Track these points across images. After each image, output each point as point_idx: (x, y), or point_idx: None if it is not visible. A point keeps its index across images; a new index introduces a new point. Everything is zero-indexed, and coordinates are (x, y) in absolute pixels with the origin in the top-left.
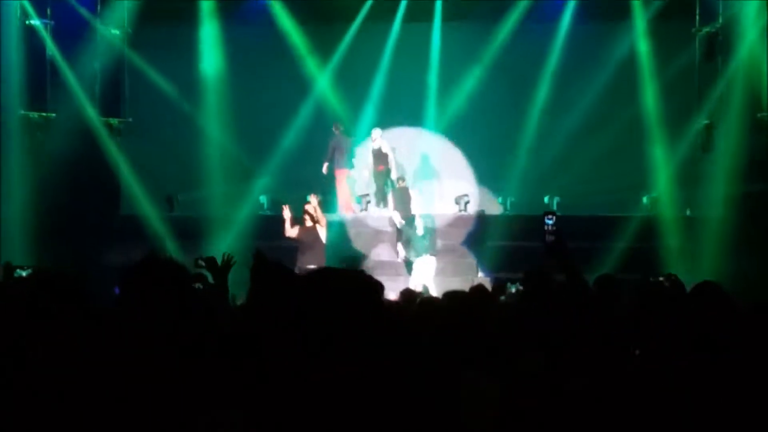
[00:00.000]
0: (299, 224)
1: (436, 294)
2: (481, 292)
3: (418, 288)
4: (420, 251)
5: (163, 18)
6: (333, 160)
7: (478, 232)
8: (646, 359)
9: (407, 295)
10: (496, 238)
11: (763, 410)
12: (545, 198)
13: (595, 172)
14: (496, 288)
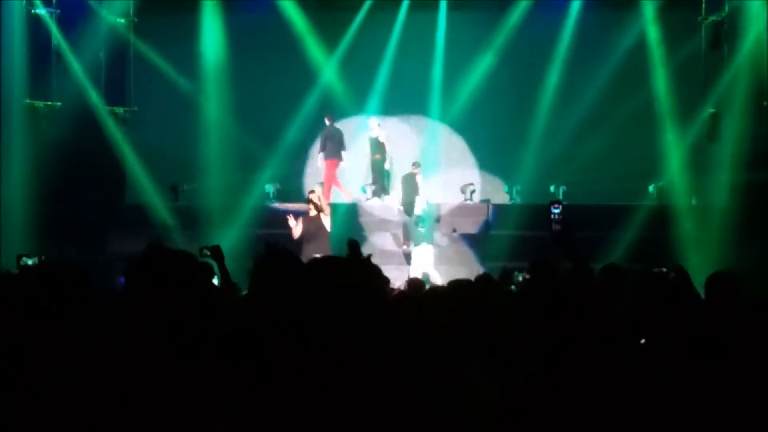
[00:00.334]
0: (303, 215)
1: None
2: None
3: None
4: (418, 240)
5: (167, 6)
6: (326, 151)
7: (484, 220)
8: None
9: (414, 285)
10: (502, 227)
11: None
12: (551, 187)
13: (600, 161)
14: (503, 276)
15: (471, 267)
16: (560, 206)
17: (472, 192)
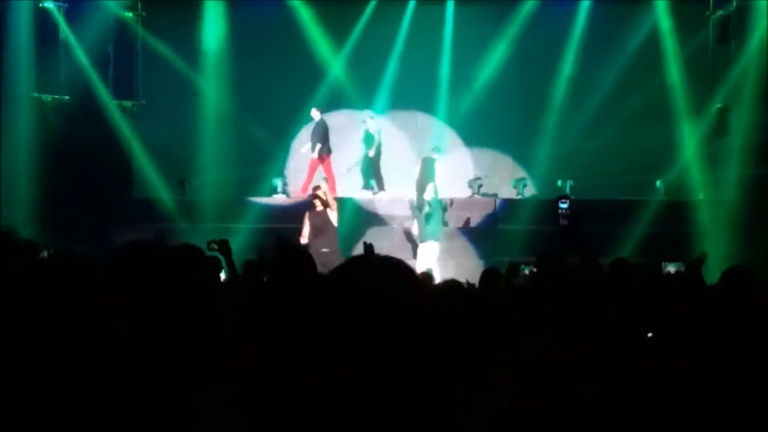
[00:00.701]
0: (308, 209)
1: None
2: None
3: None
4: (424, 236)
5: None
6: (324, 146)
7: (491, 215)
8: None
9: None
10: (509, 222)
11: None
12: (558, 182)
13: (608, 156)
14: (509, 270)
15: (478, 261)
16: (568, 201)
17: (480, 186)
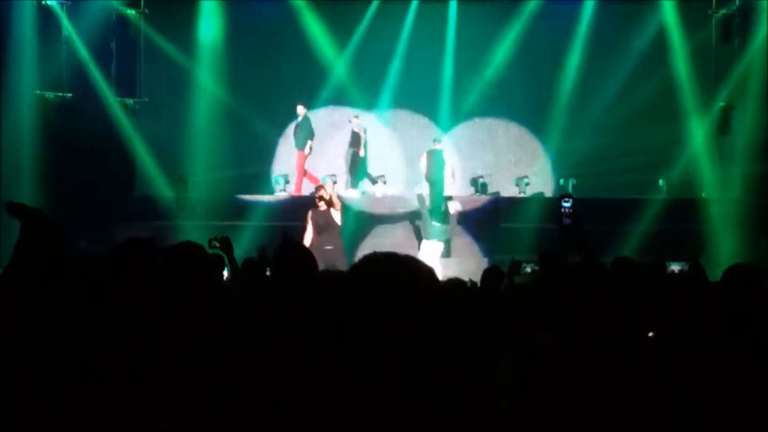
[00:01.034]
0: (311, 208)
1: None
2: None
3: None
4: (430, 234)
5: None
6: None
7: (493, 213)
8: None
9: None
10: (512, 220)
11: None
12: (561, 180)
13: (611, 154)
14: (511, 268)
15: (480, 259)
16: (571, 200)
17: (483, 184)
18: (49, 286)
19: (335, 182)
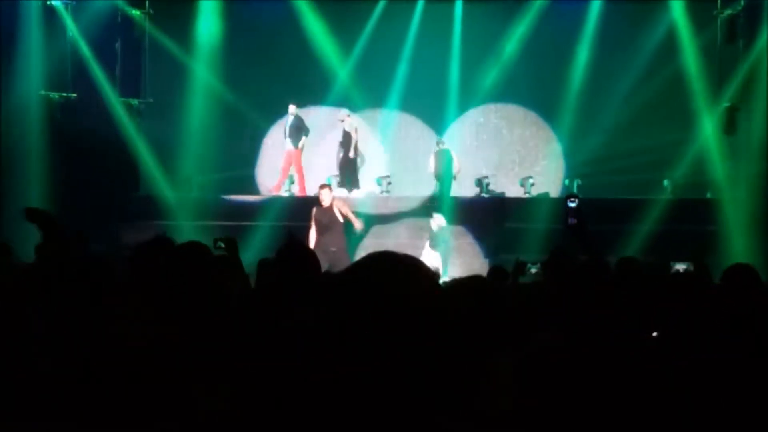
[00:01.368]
0: (315, 205)
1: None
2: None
3: None
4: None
5: None
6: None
7: (498, 213)
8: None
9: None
10: (517, 220)
11: None
12: (566, 180)
13: (616, 154)
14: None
15: (484, 260)
16: (576, 200)
17: (488, 185)
18: (56, 286)
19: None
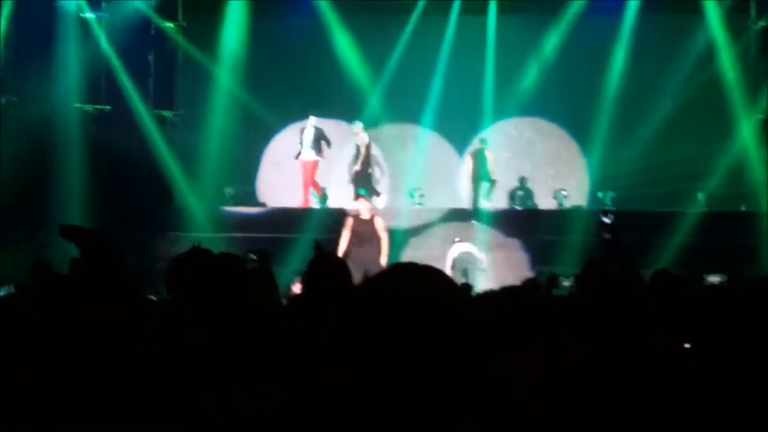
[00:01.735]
0: (352, 216)
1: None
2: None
3: None
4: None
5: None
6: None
7: (531, 226)
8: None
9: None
10: (550, 233)
11: None
12: (599, 193)
13: (649, 167)
14: (549, 281)
15: (518, 272)
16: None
17: (521, 197)
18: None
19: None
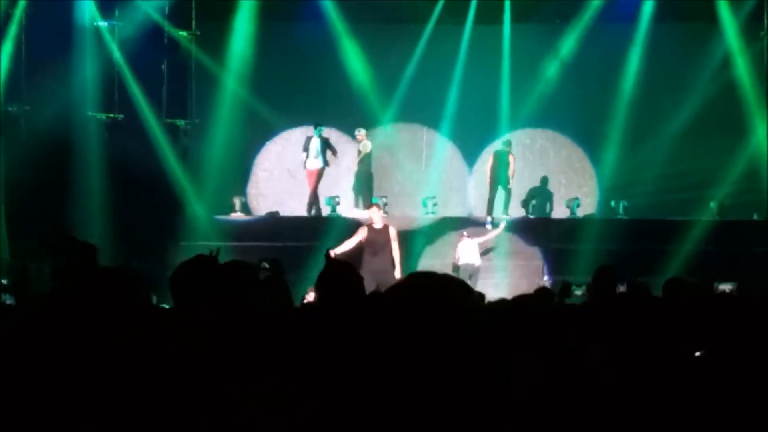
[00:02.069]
0: (364, 225)
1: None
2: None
3: None
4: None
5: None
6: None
7: (544, 235)
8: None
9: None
10: (563, 241)
11: None
12: (612, 202)
13: (662, 176)
14: (562, 290)
15: (531, 280)
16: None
17: (534, 206)
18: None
19: (386, 204)
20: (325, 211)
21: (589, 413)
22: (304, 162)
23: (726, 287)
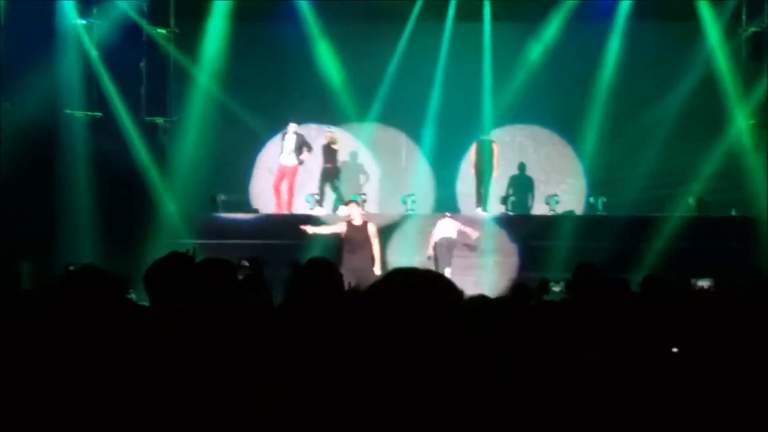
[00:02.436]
0: (344, 222)
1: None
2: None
3: None
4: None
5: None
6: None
7: (523, 231)
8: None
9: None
10: (541, 238)
11: None
12: (591, 198)
13: (640, 172)
14: (540, 287)
15: (510, 278)
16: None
17: (513, 202)
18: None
19: (365, 201)
20: (304, 209)
21: (581, 411)
22: (279, 156)
23: (704, 283)
